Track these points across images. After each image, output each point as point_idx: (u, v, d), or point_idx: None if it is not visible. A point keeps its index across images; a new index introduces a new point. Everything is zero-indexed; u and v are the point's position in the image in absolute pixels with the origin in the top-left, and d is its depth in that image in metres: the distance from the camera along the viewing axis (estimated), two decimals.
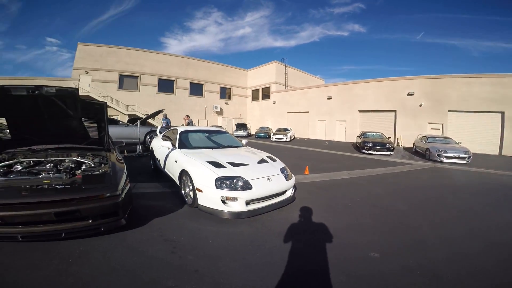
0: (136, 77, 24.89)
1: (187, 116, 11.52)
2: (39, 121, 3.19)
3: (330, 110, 22.55)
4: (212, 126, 19.44)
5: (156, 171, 5.83)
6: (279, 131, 20.29)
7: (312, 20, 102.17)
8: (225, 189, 3.26)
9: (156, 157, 5.58)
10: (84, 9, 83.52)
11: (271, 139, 19.25)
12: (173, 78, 26.37)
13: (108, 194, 2.44)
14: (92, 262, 2.24)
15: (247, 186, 3.32)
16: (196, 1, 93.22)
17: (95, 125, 3.42)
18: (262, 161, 4.20)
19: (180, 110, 24.67)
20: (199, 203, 3.47)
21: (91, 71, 23.02)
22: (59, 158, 3.20)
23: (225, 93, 29.96)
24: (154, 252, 2.45)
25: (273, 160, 4.39)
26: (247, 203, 3.29)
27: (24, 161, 3.02)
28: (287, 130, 20.55)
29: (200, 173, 3.52)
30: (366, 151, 12.26)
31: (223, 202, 3.24)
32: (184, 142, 4.69)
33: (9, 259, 2.20)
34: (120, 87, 24.17)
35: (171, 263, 2.29)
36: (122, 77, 24.29)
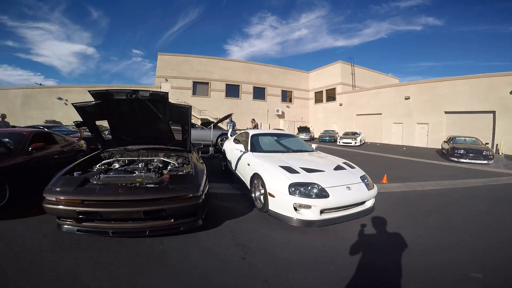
0: (207, 83, 27.08)
1: (253, 119, 11.81)
2: (134, 124, 3.60)
3: (408, 111, 19.94)
4: (274, 129, 19.47)
5: (227, 173, 6.06)
6: (347, 134, 18.96)
7: (375, 16, 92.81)
8: (299, 195, 3.07)
9: (228, 159, 5.78)
10: (158, 22, 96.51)
11: (338, 143, 18.12)
12: (238, 83, 27.63)
13: (190, 195, 2.52)
14: (169, 262, 2.30)
15: (323, 194, 3.10)
16: (251, 7, 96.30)
17: (180, 127, 3.67)
18: (338, 167, 3.88)
19: (244, 114, 25.68)
20: (269, 208, 3.35)
21: (170, 78, 26.07)
22: (148, 158, 3.53)
23: (286, 96, 29.81)
24: (227, 256, 2.44)
25: (351, 166, 4.01)
26: (321, 211, 3.06)
27: (120, 159, 3.43)
28: (356, 133, 18.96)
29: (273, 178, 3.41)
30: (456, 159, 10.37)
31: (295, 209, 3.07)
32: (255, 145, 4.69)
33: (98, 254, 2.36)
34: (194, 93, 26.66)
35: (241, 269, 2.25)
36: (195, 84, 26.82)
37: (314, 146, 5.27)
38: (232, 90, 27.63)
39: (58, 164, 4.78)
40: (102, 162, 3.23)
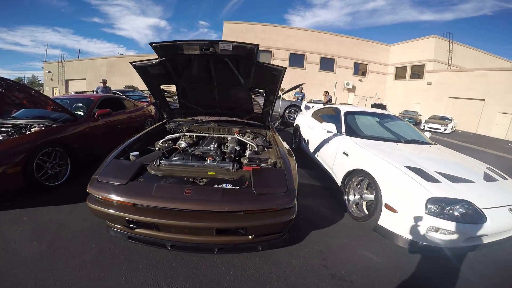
0: (270, 51, 25.72)
1: (327, 92, 10.06)
2: (207, 89, 2.80)
3: None
4: (341, 104, 17.27)
5: (297, 153, 4.92)
6: (434, 118, 15.91)
7: None
8: (440, 217, 2.04)
9: (303, 137, 4.71)
10: None
11: (421, 127, 15.09)
12: (303, 53, 25.56)
13: (283, 207, 1.64)
14: None
15: (477, 217, 2.07)
16: None
17: (263, 97, 2.73)
18: (488, 177, 2.58)
19: (308, 85, 23.85)
20: (380, 223, 2.33)
21: None
22: (220, 135, 2.80)
23: (358, 69, 26.55)
24: None
25: (502, 176, 2.71)
26: (467, 238, 2.07)
27: (188, 134, 2.77)
28: (447, 118, 15.60)
29: (396, 184, 2.29)
30: None
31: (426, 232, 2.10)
32: (353, 127, 3.45)
33: (150, 275, 1.74)
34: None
35: None
36: (258, 53, 25.59)
37: (428, 135, 3.76)
38: (296, 60, 25.72)
39: (126, 131, 4.54)
40: (166, 137, 2.59)
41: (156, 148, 2.40)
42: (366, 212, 2.60)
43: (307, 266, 1.95)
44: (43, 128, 3.04)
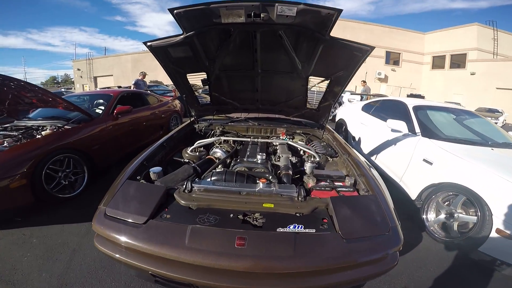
0: None
1: (364, 81, 8.94)
2: (247, 78, 2.14)
3: None
4: (375, 94, 15.95)
5: None
6: (481, 111, 14.20)
7: None
8: None
9: (352, 135, 4.03)
10: None
11: None
12: None
13: (386, 253, 1.08)
14: None
15: None
16: None
17: (326, 88, 2.06)
18: None
19: None
20: (482, 250, 1.84)
21: None
22: (264, 140, 2.12)
23: (390, 58, 24.93)
24: None
25: None
26: None
27: (223, 138, 2.10)
28: (497, 111, 13.88)
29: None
30: None
31: None
32: (429, 126, 2.70)
33: None
34: None
35: None
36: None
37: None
38: None
39: (149, 129, 4.13)
40: (196, 143, 1.93)
41: (185, 160, 1.81)
42: (458, 234, 2.01)
43: None
44: (54, 130, 2.67)
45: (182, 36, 1.56)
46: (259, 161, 1.68)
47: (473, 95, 19.62)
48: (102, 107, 3.43)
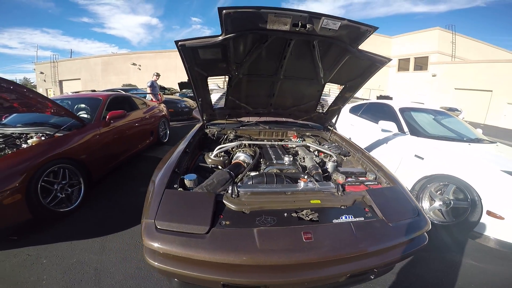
0: None
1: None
2: (266, 83, 2.13)
3: None
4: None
5: None
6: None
7: None
8: None
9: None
10: None
11: None
12: None
13: (417, 235, 1.23)
14: None
15: None
16: None
17: (338, 93, 2.20)
18: None
19: None
20: (477, 230, 2.11)
21: None
22: (285, 143, 2.20)
23: None
24: None
25: None
26: None
27: (246, 143, 2.07)
28: (456, 110, 15.18)
29: (502, 190, 2.02)
30: None
31: None
32: (415, 126, 2.97)
33: None
34: None
35: None
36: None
37: (480, 131, 3.36)
38: None
39: (139, 136, 3.92)
40: (218, 148, 1.89)
41: (211, 165, 1.77)
42: (453, 219, 2.26)
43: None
44: (42, 138, 2.45)
45: (220, 38, 1.50)
46: (286, 163, 1.76)
47: (435, 95, 21.35)
48: (85, 112, 3.21)
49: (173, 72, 24.77)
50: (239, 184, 1.38)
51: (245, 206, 1.21)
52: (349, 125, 4.02)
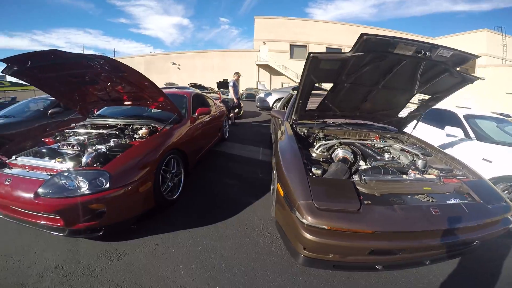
0: (305, 46, 25.40)
1: None
2: (363, 91, 2.39)
3: None
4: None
5: None
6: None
7: None
8: None
9: None
10: None
11: None
12: (340, 47, 24.71)
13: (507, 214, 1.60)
14: None
15: None
16: None
17: (422, 101, 2.54)
18: None
19: None
20: None
21: (267, 41, 25.54)
22: (378, 142, 2.49)
23: None
24: None
25: None
26: None
27: (343, 141, 2.36)
28: (508, 116, 14.10)
29: None
30: None
31: None
32: (481, 132, 3.19)
33: None
34: (291, 56, 25.70)
35: None
36: (292, 47, 25.78)
37: None
38: None
39: (212, 132, 4.17)
40: (320, 145, 2.24)
41: (322, 159, 2.10)
42: None
43: None
44: (150, 129, 2.72)
45: (348, 55, 1.78)
46: (386, 159, 2.13)
47: (482, 99, 19.88)
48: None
49: (210, 72, 25.95)
50: (363, 174, 1.72)
51: (375, 190, 1.58)
52: (410, 129, 4.22)
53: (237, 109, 7.70)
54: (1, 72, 2.30)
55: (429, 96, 2.39)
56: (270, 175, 3.30)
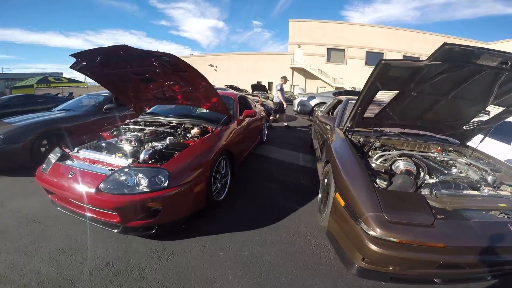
0: (343, 50, 24.79)
1: None
2: (429, 100, 2.22)
3: None
4: None
5: None
6: None
7: None
8: None
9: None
10: None
11: None
12: (382, 51, 23.93)
13: None
14: None
15: None
16: None
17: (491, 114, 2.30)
18: None
19: None
20: None
21: (302, 45, 25.29)
22: (444, 157, 2.29)
23: None
24: None
25: None
26: None
27: (404, 153, 2.22)
28: None
29: None
30: None
31: None
32: None
33: None
34: (328, 60, 25.22)
35: None
36: (329, 50, 25.23)
37: None
38: (374, 58, 24.18)
39: (253, 134, 4.11)
40: (380, 155, 2.15)
41: (381, 170, 2.01)
42: None
43: None
44: (202, 129, 2.73)
45: (424, 63, 1.67)
46: (454, 173, 2.01)
47: None
48: None
49: (244, 74, 26.50)
50: (433, 187, 1.64)
51: (447, 205, 1.50)
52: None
53: (279, 113, 7.68)
54: (70, 67, 2.34)
55: (503, 108, 2.14)
56: (313, 181, 3.27)
